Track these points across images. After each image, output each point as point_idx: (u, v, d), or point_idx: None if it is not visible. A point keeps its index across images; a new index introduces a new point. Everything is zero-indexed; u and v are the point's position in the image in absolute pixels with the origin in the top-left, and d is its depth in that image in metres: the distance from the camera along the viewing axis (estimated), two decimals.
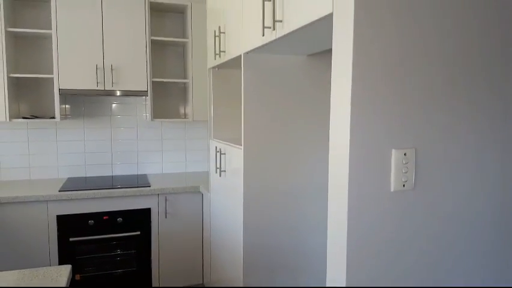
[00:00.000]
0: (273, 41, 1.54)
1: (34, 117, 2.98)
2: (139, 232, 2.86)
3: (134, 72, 2.99)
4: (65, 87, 2.85)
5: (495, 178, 1.20)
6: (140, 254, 2.90)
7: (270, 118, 1.93)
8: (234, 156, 2.08)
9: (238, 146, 2.01)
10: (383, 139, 1.06)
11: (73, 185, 2.89)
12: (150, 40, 3.04)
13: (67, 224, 2.71)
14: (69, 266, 1.51)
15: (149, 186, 2.89)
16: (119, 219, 2.81)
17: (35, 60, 3.09)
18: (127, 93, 2.99)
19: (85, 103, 3.25)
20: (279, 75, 1.93)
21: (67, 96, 3.16)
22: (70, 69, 2.85)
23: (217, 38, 2.31)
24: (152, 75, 3.28)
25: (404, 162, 1.08)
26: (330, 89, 1.14)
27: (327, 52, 1.91)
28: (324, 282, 2.04)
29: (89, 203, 2.74)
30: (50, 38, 3.02)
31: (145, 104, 3.38)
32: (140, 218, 2.87)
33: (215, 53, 2.33)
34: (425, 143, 1.11)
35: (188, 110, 3.28)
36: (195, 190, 2.94)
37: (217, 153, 2.40)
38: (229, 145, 2.18)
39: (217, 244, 2.52)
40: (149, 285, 2.94)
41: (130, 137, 3.37)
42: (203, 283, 3.08)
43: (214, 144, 2.49)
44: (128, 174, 3.36)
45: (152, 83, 3.22)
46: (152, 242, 2.92)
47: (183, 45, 3.40)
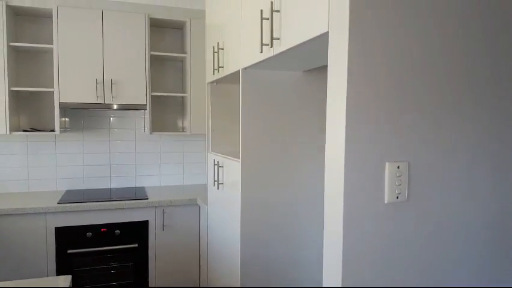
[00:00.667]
0: (270, 57, 1.59)
1: (34, 130, 3.01)
2: (137, 244, 2.88)
3: (134, 86, 3.04)
4: (65, 101, 2.89)
5: (486, 190, 1.23)
6: (137, 266, 2.90)
7: (267, 132, 1.97)
8: (232, 169, 2.11)
9: (235, 159, 2.04)
10: (376, 152, 1.10)
11: (71, 197, 2.90)
12: (150, 55, 3.10)
13: (65, 236, 2.72)
14: (69, 276, 1.53)
15: (146, 198, 2.91)
16: (117, 232, 2.82)
17: (36, 74, 3.13)
18: (126, 107, 3.03)
19: (84, 116, 3.28)
20: (276, 90, 1.98)
21: (66, 109, 3.20)
22: (70, 83, 2.89)
23: (216, 54, 2.37)
24: (152, 89, 3.34)
25: (397, 175, 1.11)
26: (325, 104, 1.18)
27: (323, 68, 1.97)
28: None
29: (87, 215, 2.76)
30: (51, 52, 3.07)
31: (144, 117, 3.43)
32: (138, 230, 2.88)
33: (213, 68, 2.39)
34: (418, 156, 1.14)
35: (187, 124, 3.33)
36: (192, 203, 2.97)
37: (215, 166, 2.43)
38: (226, 158, 2.21)
39: (215, 256, 2.53)
40: None
41: (128, 150, 3.40)
42: None
43: (212, 157, 2.53)
44: (126, 187, 3.38)
45: (151, 97, 3.27)
46: (150, 255, 2.92)
47: (182, 60, 3.46)
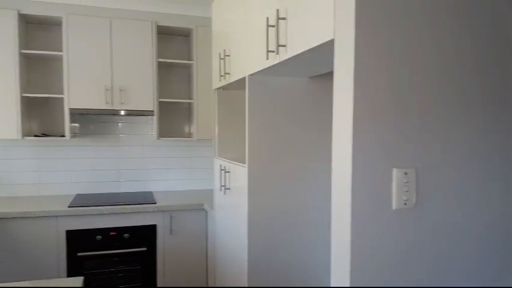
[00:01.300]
0: (276, 64, 1.61)
1: (45, 135, 3.07)
2: (145, 248, 2.91)
3: (142, 92, 3.09)
4: (75, 107, 2.95)
5: (495, 195, 1.23)
6: (146, 269, 2.93)
7: (273, 137, 1.97)
8: (238, 175, 2.12)
9: (242, 164, 2.05)
10: (384, 159, 1.09)
11: (81, 201, 2.95)
12: (157, 62, 3.15)
13: (76, 239, 2.76)
14: (81, 277, 1.56)
15: (154, 203, 2.95)
16: (126, 235, 2.86)
17: (46, 80, 3.20)
18: (134, 113, 3.08)
19: (93, 122, 3.34)
20: (282, 96, 1.99)
21: (76, 115, 3.26)
22: (80, 89, 2.95)
23: (222, 61, 2.40)
24: (159, 95, 3.38)
25: (404, 181, 1.11)
26: (331, 110, 1.19)
27: (329, 74, 1.98)
28: None
29: (97, 218, 2.80)
30: (61, 59, 3.13)
31: (152, 123, 3.48)
32: (146, 234, 2.92)
33: (220, 75, 2.41)
34: (425, 162, 1.14)
35: (193, 129, 3.37)
36: (199, 207, 3.00)
37: (222, 171, 2.45)
38: (233, 163, 2.22)
39: (222, 261, 2.55)
40: None
41: (136, 155, 3.45)
42: None
43: (219, 162, 2.55)
44: (134, 191, 3.43)
45: (159, 103, 3.32)
46: (158, 258, 2.96)
47: (189, 67, 3.51)
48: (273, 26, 1.57)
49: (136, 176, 3.46)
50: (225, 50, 2.31)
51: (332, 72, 1.82)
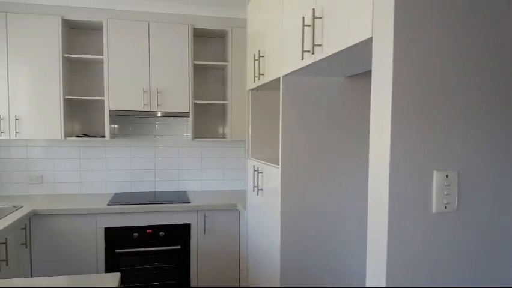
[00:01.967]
0: (311, 64, 1.59)
1: (86, 136, 3.20)
2: (180, 246, 2.96)
3: (178, 94, 3.15)
4: (115, 108, 3.05)
5: None
6: (180, 267, 2.99)
7: (307, 138, 1.95)
8: (271, 176, 2.11)
9: (275, 165, 2.04)
10: (424, 160, 1.06)
11: (119, 200, 3.04)
12: (193, 64, 3.21)
13: (114, 236, 2.86)
14: (118, 274, 1.61)
15: (189, 202, 3.00)
16: (162, 233, 2.93)
17: (87, 83, 3.33)
18: (170, 114, 3.15)
19: (131, 123, 3.44)
20: (317, 96, 1.96)
21: (115, 116, 3.37)
22: (119, 92, 3.05)
23: (257, 62, 2.41)
24: (194, 97, 3.44)
25: (446, 184, 1.07)
26: (369, 110, 1.17)
27: (366, 74, 1.94)
28: None
29: (134, 217, 2.88)
30: (101, 63, 3.25)
31: (187, 124, 3.54)
32: (181, 232, 2.97)
33: (254, 76, 2.42)
34: (468, 165, 1.09)
35: (227, 130, 3.40)
36: (232, 208, 3.02)
37: (255, 172, 2.45)
38: (266, 164, 2.21)
39: (254, 261, 2.55)
40: None
41: (171, 155, 3.53)
42: None
43: (252, 163, 2.56)
44: (169, 191, 3.50)
45: (194, 104, 3.37)
46: (192, 257, 3.00)
47: (223, 68, 3.55)
48: (309, 26, 1.56)
49: (171, 176, 3.53)
50: (259, 51, 2.32)
51: (369, 71, 1.78)
